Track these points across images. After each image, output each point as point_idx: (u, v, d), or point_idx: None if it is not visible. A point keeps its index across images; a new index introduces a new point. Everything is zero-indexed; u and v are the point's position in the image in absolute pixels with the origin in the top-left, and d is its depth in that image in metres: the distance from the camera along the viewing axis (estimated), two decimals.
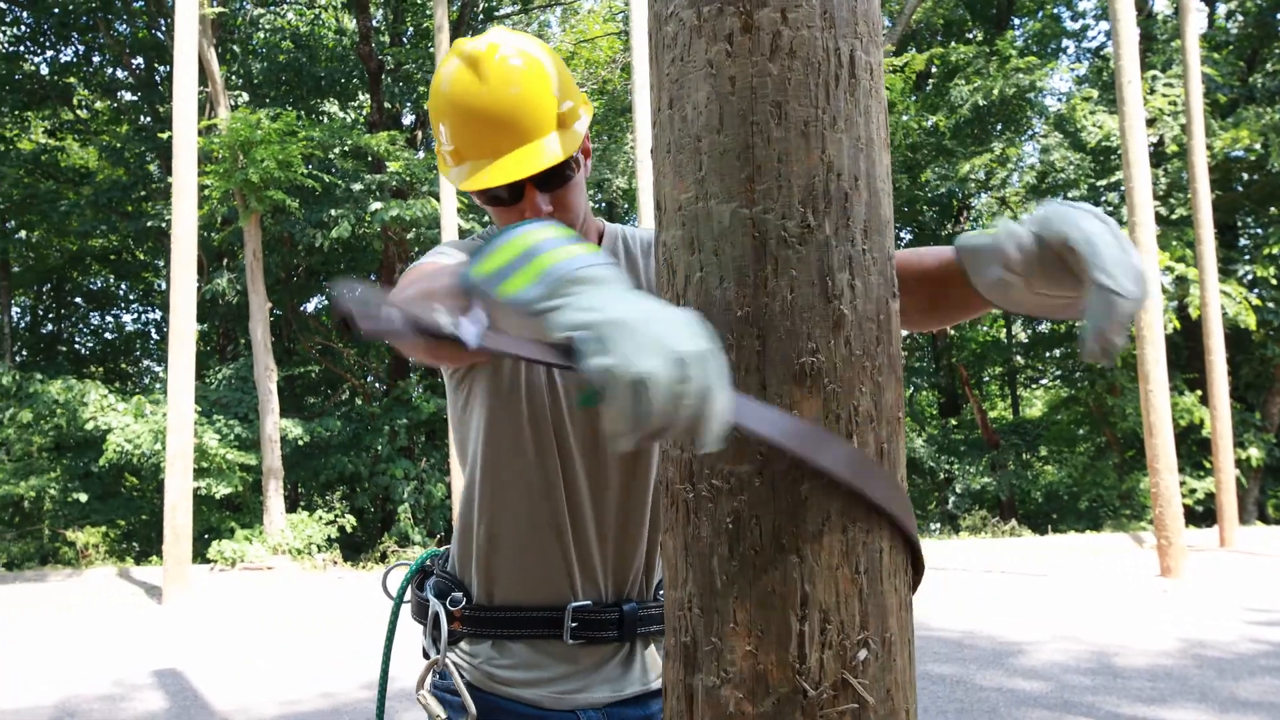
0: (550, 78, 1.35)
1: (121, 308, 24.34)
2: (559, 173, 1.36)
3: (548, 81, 1.35)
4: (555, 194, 1.37)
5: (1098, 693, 5.16)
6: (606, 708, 1.47)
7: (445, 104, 1.36)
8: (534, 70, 1.34)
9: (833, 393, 0.95)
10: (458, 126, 1.35)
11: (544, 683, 1.45)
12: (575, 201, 1.41)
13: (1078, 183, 16.47)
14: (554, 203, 1.37)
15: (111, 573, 13.33)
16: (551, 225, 0.99)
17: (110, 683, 6.11)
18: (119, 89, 22.21)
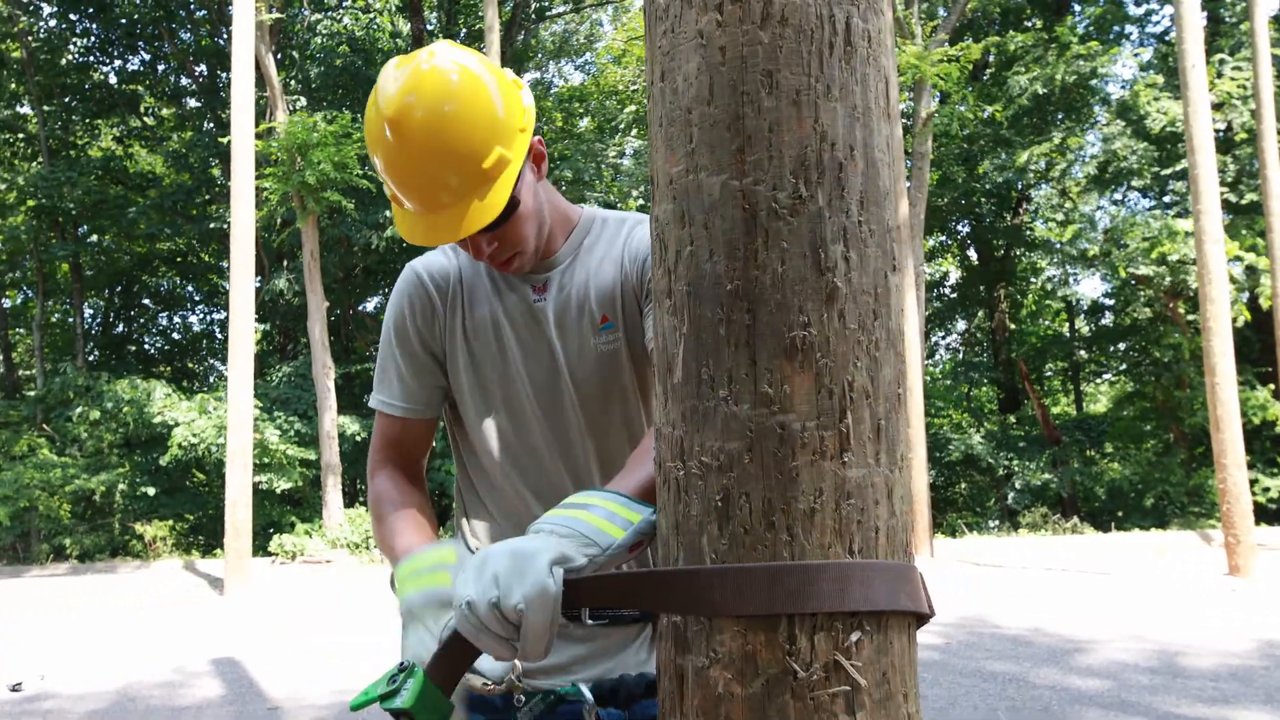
0: (478, 123, 1.28)
1: (188, 308, 25.02)
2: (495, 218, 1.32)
3: (475, 129, 1.28)
4: (499, 232, 1.35)
5: (1157, 692, 5.01)
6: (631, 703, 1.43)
7: (373, 156, 1.33)
8: (458, 118, 1.27)
9: (825, 367, 0.92)
10: (390, 177, 1.31)
11: (562, 670, 1.43)
12: (520, 233, 1.37)
13: (1141, 171, 16.00)
14: (497, 238, 1.36)
15: (177, 565, 13.71)
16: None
17: (170, 670, 6.28)
18: (183, 96, 22.83)
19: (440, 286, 1.46)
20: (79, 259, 20.79)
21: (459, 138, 1.27)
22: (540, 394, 1.44)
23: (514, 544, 1.02)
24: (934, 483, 18.33)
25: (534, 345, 1.44)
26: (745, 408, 0.93)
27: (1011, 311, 22.03)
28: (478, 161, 1.28)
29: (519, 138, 1.34)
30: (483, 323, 1.44)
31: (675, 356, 0.99)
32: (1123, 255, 15.18)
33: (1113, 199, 18.45)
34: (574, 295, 1.44)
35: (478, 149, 1.28)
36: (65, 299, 22.93)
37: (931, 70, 14.43)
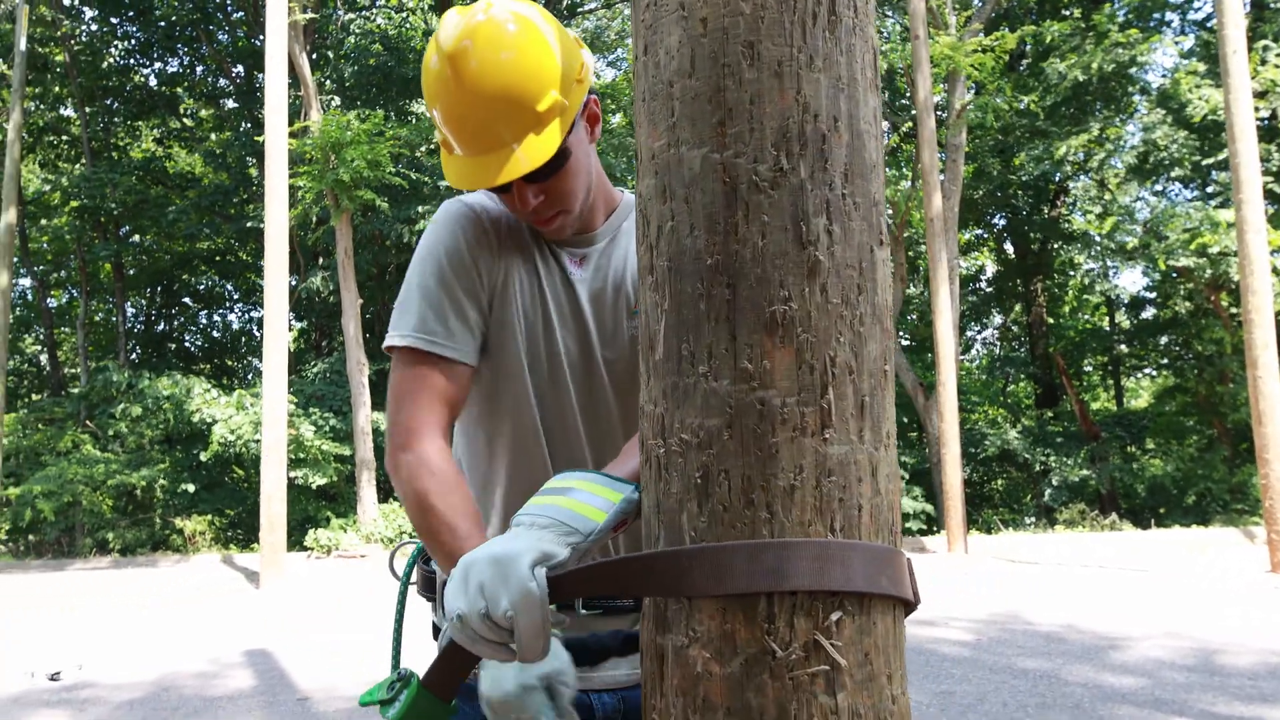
0: (534, 69, 1.26)
1: (227, 307, 25.39)
2: (543, 167, 1.30)
3: (531, 75, 1.26)
4: (546, 185, 1.32)
5: (1193, 690, 4.91)
6: (625, 690, 1.41)
7: (428, 98, 1.31)
8: (515, 65, 1.25)
9: (806, 342, 0.91)
10: (445, 120, 1.29)
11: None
12: (569, 187, 1.34)
13: (1182, 161, 15.68)
14: (544, 191, 1.32)
15: (215, 559, 13.92)
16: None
17: (205, 661, 6.38)
18: (221, 97, 23.17)
19: (496, 225, 1.39)
20: (121, 258, 21.17)
21: (515, 77, 1.25)
22: (574, 367, 1.39)
23: (493, 549, 0.99)
24: (969, 479, 18.12)
25: (571, 317, 1.39)
26: (725, 384, 0.92)
27: (1049, 305, 21.71)
28: (532, 103, 1.26)
29: (576, 88, 1.32)
30: (530, 280, 1.38)
31: (657, 333, 0.98)
32: (1162, 247, 14.89)
33: (1153, 190, 18.09)
34: (610, 276, 1.41)
35: (533, 90, 1.26)
36: (108, 298, 23.38)
37: (966, 61, 14.25)
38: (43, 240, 22.59)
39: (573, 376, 1.39)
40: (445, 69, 1.25)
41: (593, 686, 1.40)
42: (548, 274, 1.40)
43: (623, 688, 1.41)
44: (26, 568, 14.39)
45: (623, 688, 1.41)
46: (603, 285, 1.41)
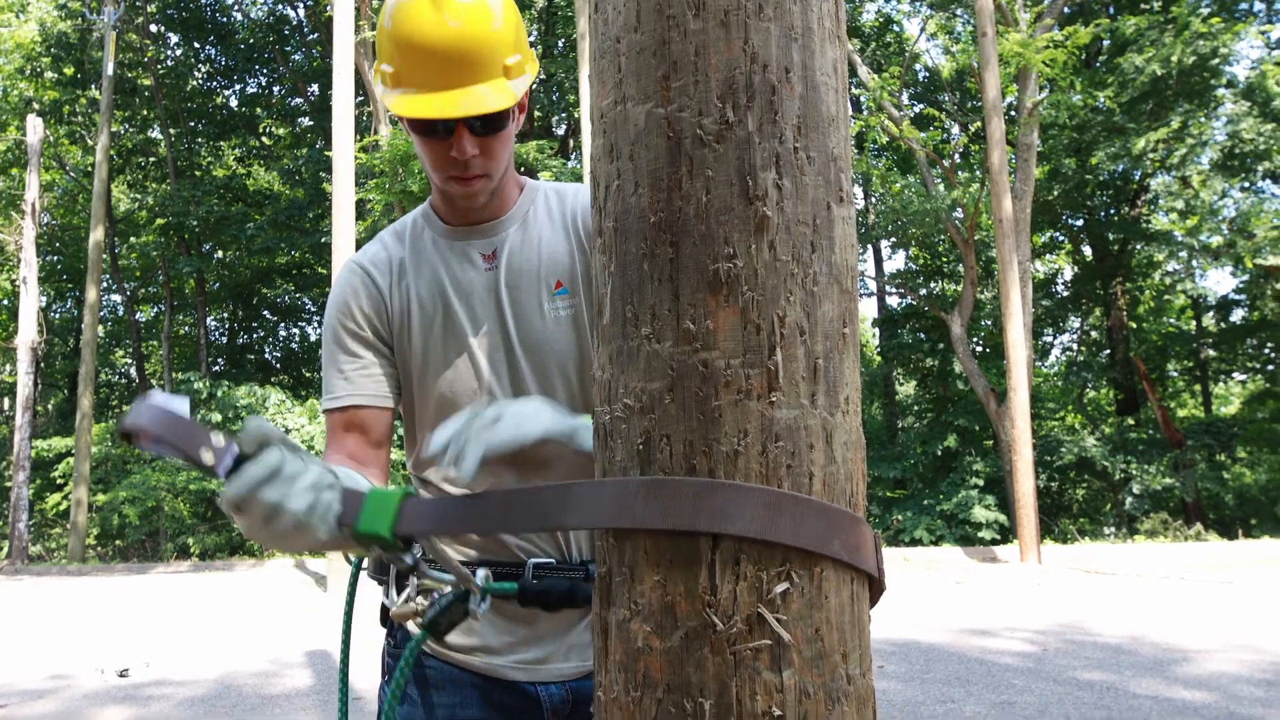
0: (503, 25, 1.33)
1: (304, 319, 26.08)
2: (493, 121, 1.33)
3: (500, 29, 1.32)
4: (484, 140, 1.35)
5: (1271, 706, 4.65)
6: (573, 682, 1.40)
7: (396, 27, 1.32)
8: (488, 14, 1.32)
9: (752, 301, 0.87)
10: (404, 51, 1.31)
11: (500, 650, 1.39)
12: (501, 152, 1.38)
13: (1270, 155, 15.01)
14: (480, 147, 1.35)
15: (289, 564, 14.26)
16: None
17: (267, 661, 6.52)
18: (297, 115, 23.87)
19: (382, 271, 1.45)
20: (203, 273, 21.92)
21: (495, 26, 1.32)
22: (496, 363, 1.41)
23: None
24: (1045, 488, 17.58)
25: (484, 315, 1.42)
26: (667, 346, 0.88)
27: (1130, 309, 20.98)
28: (504, 54, 1.34)
29: (530, 65, 1.40)
30: (430, 296, 1.42)
31: (604, 296, 0.95)
32: (1250, 246, 14.27)
33: (1239, 187, 17.37)
34: (525, 263, 1.43)
35: (507, 43, 1.34)
36: (192, 312, 24.23)
37: (1037, 58, 13.88)
38: (131, 257, 23.55)
39: (491, 368, 1.41)
40: (436, 2, 1.29)
41: (539, 678, 1.39)
42: (456, 280, 1.43)
43: (570, 679, 1.40)
44: (112, 571, 14.93)
45: (570, 679, 1.40)
46: (518, 272, 1.43)
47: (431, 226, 1.47)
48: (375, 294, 1.44)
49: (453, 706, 1.39)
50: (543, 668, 1.39)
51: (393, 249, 1.47)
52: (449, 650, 1.41)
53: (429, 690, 1.41)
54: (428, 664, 1.42)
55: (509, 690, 1.39)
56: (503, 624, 1.39)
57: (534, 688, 1.39)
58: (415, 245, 1.47)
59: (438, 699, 1.39)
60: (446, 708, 1.39)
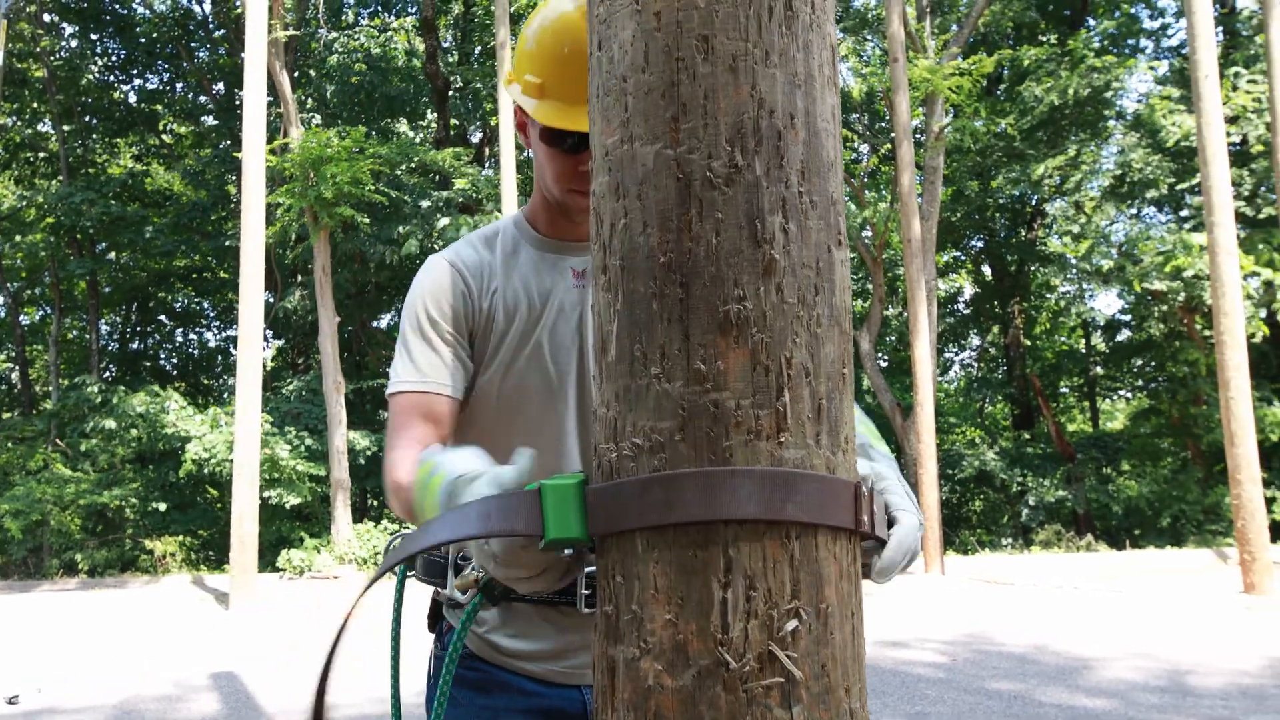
0: None
1: (203, 325, 25.17)
2: None
3: None
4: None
5: (1166, 711, 4.90)
6: None
7: (550, 39, 1.37)
8: None
9: (761, 343, 0.88)
10: (558, 64, 1.35)
11: (552, 656, 1.40)
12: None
13: (1157, 183, 15.88)
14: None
15: (186, 580, 13.72)
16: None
17: (170, 684, 6.25)
18: (201, 114, 23.07)
19: (473, 272, 1.47)
20: (96, 276, 20.96)
21: None
22: (567, 384, 1.43)
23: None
24: (947, 500, 18.15)
25: (566, 328, 1.44)
26: (678, 385, 0.89)
27: (1026, 327, 21.87)
28: None
29: None
30: (517, 305, 1.44)
31: (610, 334, 0.95)
32: (1137, 270, 15.05)
33: (1128, 213, 18.32)
34: None
35: None
36: (82, 315, 23.11)
37: (944, 84, 14.39)
38: (16, 257, 22.33)
39: (562, 385, 1.43)
40: (581, 17, 1.33)
41: (586, 682, 1.41)
42: (544, 289, 1.46)
43: None
44: None
45: None
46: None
47: (525, 236, 1.50)
48: (464, 293, 1.45)
49: (499, 711, 1.40)
50: (588, 672, 1.41)
51: (483, 253, 1.50)
52: (501, 655, 1.41)
53: (477, 693, 1.42)
54: (478, 667, 1.42)
55: (559, 694, 1.41)
56: (554, 629, 1.40)
57: (581, 691, 1.41)
58: (506, 252, 1.49)
59: (485, 702, 1.41)
60: (493, 711, 1.40)
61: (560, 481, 0.93)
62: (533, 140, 1.43)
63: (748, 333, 0.88)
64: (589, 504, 0.91)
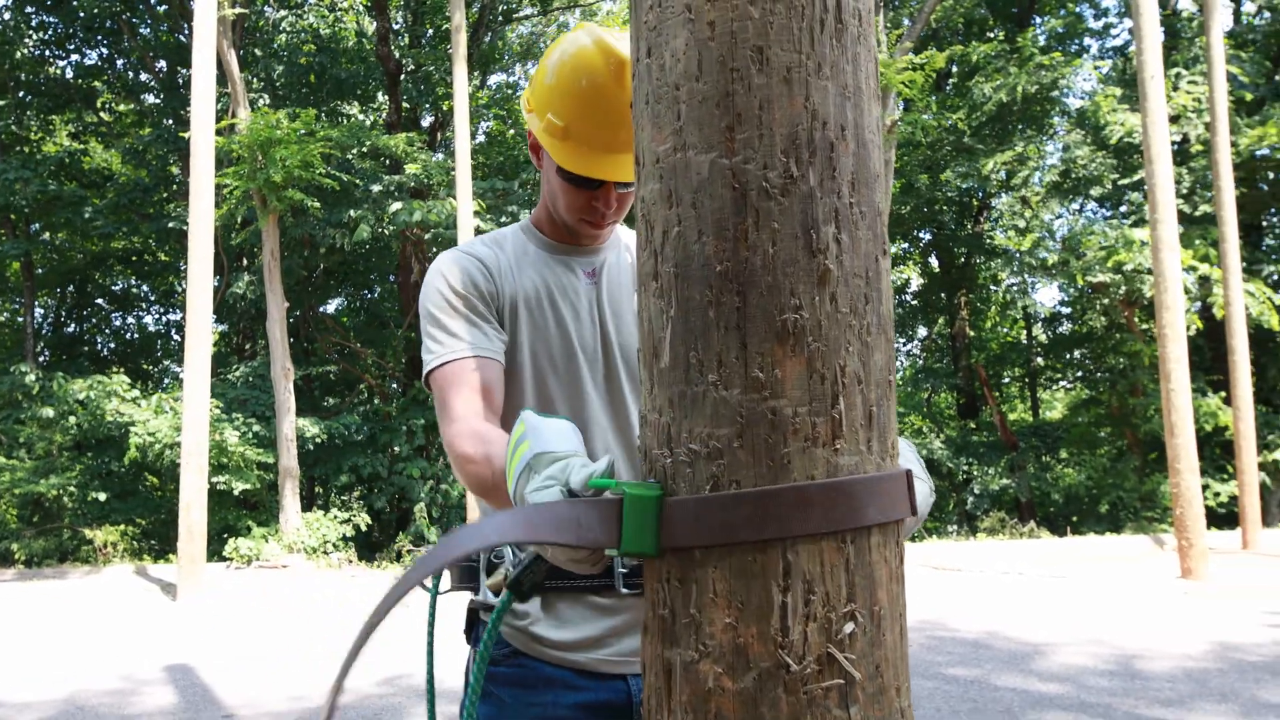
0: None
1: (143, 309, 24.52)
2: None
3: None
4: (623, 195, 1.47)
5: (1116, 694, 5.06)
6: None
7: (571, 74, 1.42)
8: None
9: (817, 351, 0.90)
10: (579, 104, 1.40)
11: (596, 643, 1.41)
12: (629, 203, 1.50)
13: (1100, 180, 16.27)
14: (618, 201, 1.48)
15: (129, 571, 13.41)
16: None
17: (119, 678, 6.12)
18: (142, 92, 22.40)
19: (490, 265, 1.51)
20: (30, 257, 20.29)
21: None
22: (595, 367, 1.48)
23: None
24: None
25: (587, 318, 1.50)
26: (735, 393, 0.90)
27: (972, 319, 22.30)
28: None
29: None
30: (535, 294, 1.49)
31: (662, 340, 0.96)
32: (1080, 264, 15.43)
33: (1071, 209, 18.75)
34: (622, 280, 1.54)
35: None
36: (15, 298, 22.36)
37: (897, 79, 14.57)
38: None
39: (594, 378, 1.49)
40: (617, 72, 1.38)
41: (633, 670, 1.43)
42: (560, 284, 1.52)
43: None
44: None
45: None
46: (616, 290, 1.54)
47: (533, 239, 1.57)
48: (485, 276, 1.49)
49: (544, 706, 1.40)
50: (637, 659, 1.42)
51: (496, 251, 1.55)
52: (544, 648, 1.41)
53: (523, 690, 1.41)
54: (522, 663, 1.42)
55: (604, 684, 1.41)
56: (594, 614, 1.41)
57: (627, 681, 1.43)
58: (517, 252, 1.55)
59: (531, 699, 1.40)
60: (540, 707, 1.40)
61: (642, 493, 0.91)
62: (546, 167, 1.49)
63: (804, 341, 0.90)
64: (665, 517, 0.90)
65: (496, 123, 20.70)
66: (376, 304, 22.21)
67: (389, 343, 19.40)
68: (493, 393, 1.40)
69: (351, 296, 22.68)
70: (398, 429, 16.38)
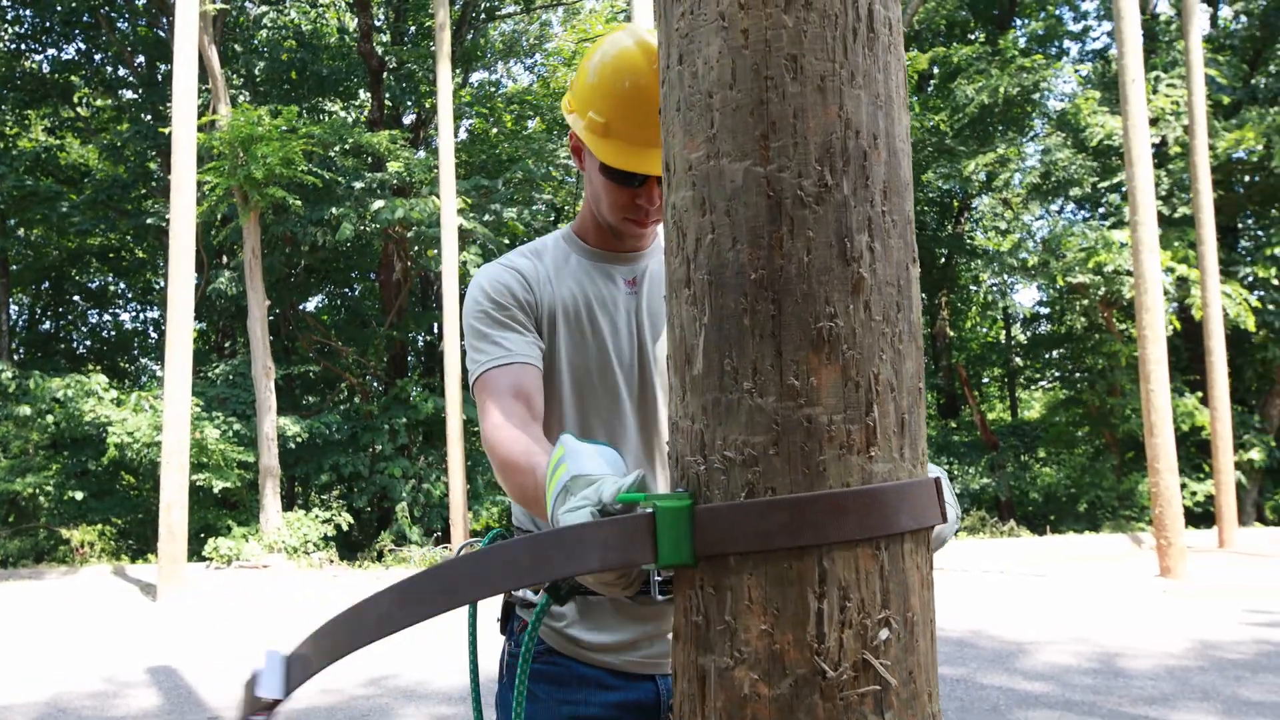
0: None
1: (120, 306, 24.27)
2: None
3: None
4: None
5: (1100, 693, 5.12)
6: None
7: (613, 74, 1.42)
8: None
9: (852, 359, 0.91)
10: (621, 102, 1.41)
11: (629, 646, 1.44)
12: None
13: (1080, 182, 16.42)
14: (662, 197, 1.46)
15: (107, 571, 13.28)
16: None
17: (102, 680, 6.06)
18: (120, 87, 22.16)
19: (529, 275, 1.53)
20: (5, 254, 20.04)
21: None
22: (630, 377, 1.50)
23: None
24: None
25: (625, 331, 1.51)
26: (771, 400, 0.90)
27: (953, 319, 22.45)
28: None
29: None
30: (574, 306, 1.52)
31: (695, 347, 0.96)
32: (1060, 265, 15.56)
33: (1051, 210, 18.91)
34: (661, 291, 1.55)
35: None
36: None
37: None
38: None
39: (629, 388, 1.50)
40: (645, 62, 1.40)
41: (664, 671, 1.46)
42: (599, 294, 1.54)
43: None
44: None
45: None
46: (656, 301, 1.55)
47: (574, 248, 1.58)
48: (524, 287, 1.52)
49: (577, 704, 1.43)
50: (667, 660, 1.45)
51: (533, 260, 1.57)
52: (580, 649, 1.45)
53: (556, 687, 1.45)
54: (557, 662, 1.46)
55: (635, 685, 1.45)
56: (629, 619, 1.44)
57: (655, 681, 1.46)
58: (558, 261, 1.57)
59: (563, 696, 1.44)
60: (571, 705, 1.43)
61: (673, 504, 0.92)
62: (589, 168, 1.49)
63: (839, 349, 0.90)
64: (698, 525, 0.90)
65: (479, 121, 20.63)
66: (358, 302, 22.10)
67: (370, 341, 19.30)
68: (534, 399, 1.42)
69: (332, 294, 22.54)
70: (379, 428, 16.30)
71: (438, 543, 15.02)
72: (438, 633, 7.21)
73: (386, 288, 19.06)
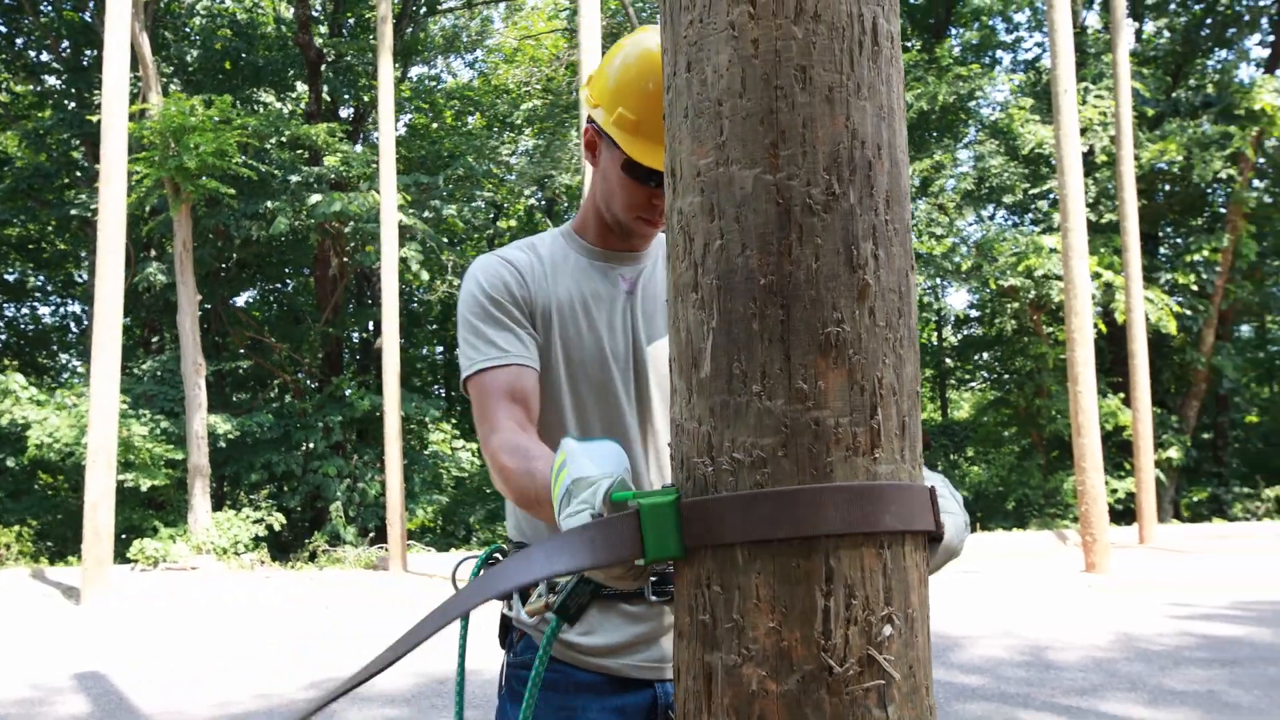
0: None
1: (39, 299, 23.40)
2: None
3: None
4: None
5: (1033, 685, 5.28)
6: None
7: (636, 75, 1.43)
8: None
9: (857, 364, 0.93)
10: (649, 101, 1.41)
11: (626, 649, 1.44)
12: None
13: (1012, 189, 16.87)
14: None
15: (25, 574, 12.80)
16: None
17: (28, 686, 5.85)
18: (44, 73, 21.37)
19: (525, 270, 1.53)
20: None
21: None
22: (626, 376, 1.49)
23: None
24: None
25: (621, 329, 1.51)
26: (780, 403, 0.92)
27: None
28: None
29: None
30: (570, 303, 1.51)
31: (703, 351, 0.97)
32: (993, 269, 15.98)
33: (984, 215, 19.40)
34: (657, 293, 1.55)
35: None
36: None
37: None
38: None
39: (625, 387, 1.50)
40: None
41: (661, 676, 1.46)
42: (596, 292, 1.53)
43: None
44: None
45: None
46: (653, 302, 1.55)
47: (574, 245, 1.58)
48: (520, 282, 1.51)
49: (576, 710, 1.42)
50: (664, 665, 1.45)
51: (532, 256, 1.56)
52: (576, 654, 1.44)
53: (554, 693, 1.44)
54: (554, 668, 1.44)
55: (632, 690, 1.44)
56: (623, 621, 1.44)
57: (654, 688, 1.45)
58: (556, 258, 1.56)
59: (562, 702, 1.43)
60: (570, 711, 1.43)
61: (657, 500, 0.95)
62: (605, 165, 1.49)
63: (846, 354, 0.93)
64: (684, 518, 0.94)
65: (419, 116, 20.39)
66: (291, 298, 21.66)
67: (304, 338, 18.94)
68: (530, 401, 1.42)
69: (265, 290, 22.06)
70: (313, 426, 16.01)
71: (373, 543, 14.81)
72: (379, 633, 7.12)
73: (322, 283, 18.73)
